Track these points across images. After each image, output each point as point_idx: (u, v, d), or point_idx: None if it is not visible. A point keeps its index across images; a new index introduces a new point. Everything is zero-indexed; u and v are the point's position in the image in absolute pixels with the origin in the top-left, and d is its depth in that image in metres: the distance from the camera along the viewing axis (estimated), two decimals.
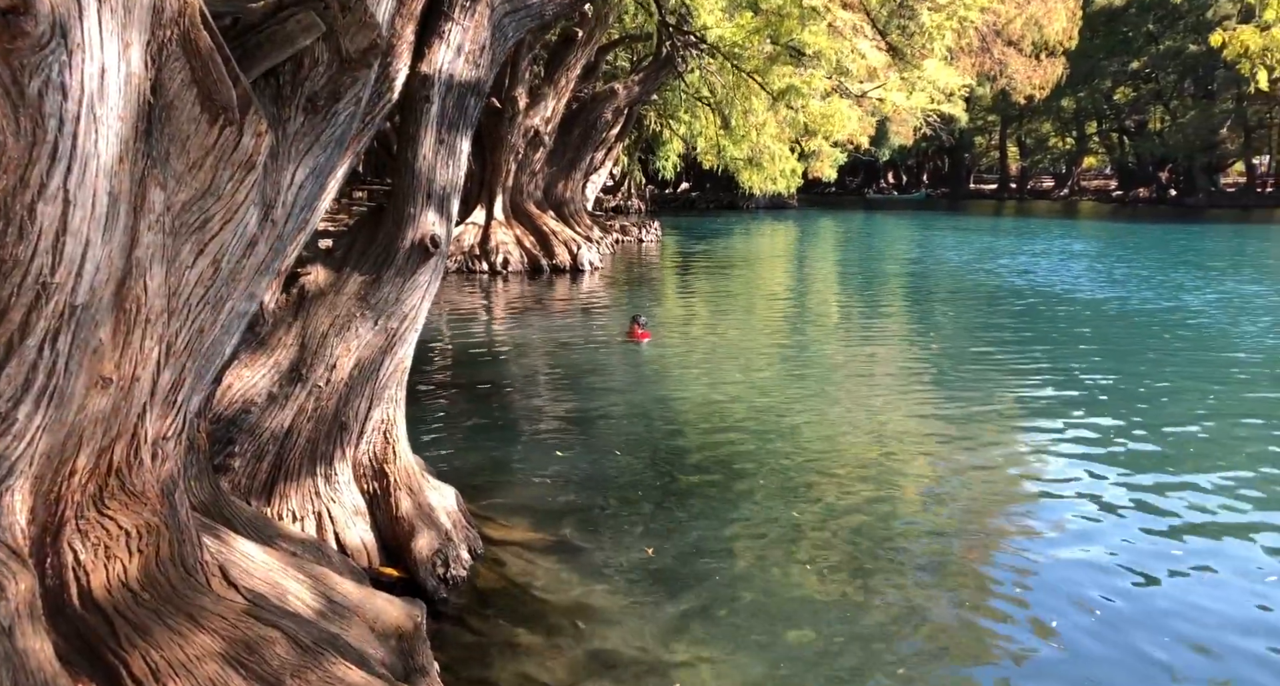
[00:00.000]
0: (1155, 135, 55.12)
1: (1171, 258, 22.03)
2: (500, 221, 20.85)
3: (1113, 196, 59.39)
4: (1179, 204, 50.92)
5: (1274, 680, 3.70)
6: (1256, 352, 10.48)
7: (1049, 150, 68.40)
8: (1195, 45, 47.67)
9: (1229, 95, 50.15)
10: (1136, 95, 58.06)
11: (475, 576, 4.65)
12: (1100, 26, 47.95)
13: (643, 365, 10.08)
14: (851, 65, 14.73)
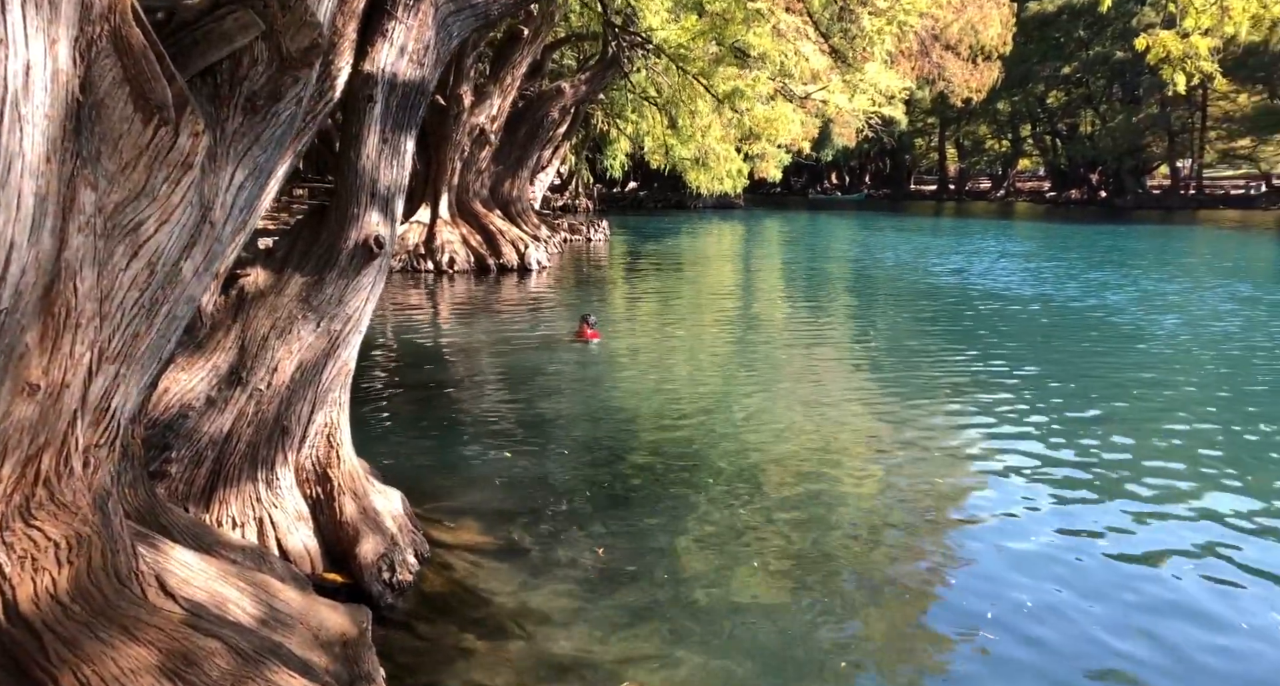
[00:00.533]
0: (1086, 138, 57.00)
1: (1098, 257, 22.83)
2: (446, 220, 20.62)
3: (1046, 197, 61.22)
4: (1108, 205, 52.75)
5: (1205, 663, 3.86)
6: (1169, 347, 10.93)
7: (986, 152, 70.19)
8: (1122, 51, 49.45)
9: (1154, 100, 52.14)
10: (1068, 99, 59.97)
11: (422, 581, 4.61)
12: (1033, 32, 49.36)
13: (592, 364, 10.08)
14: (795, 67, 14.94)
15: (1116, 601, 4.43)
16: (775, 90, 15.72)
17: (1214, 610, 4.33)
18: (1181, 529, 5.34)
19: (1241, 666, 3.84)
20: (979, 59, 29.29)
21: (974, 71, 29.31)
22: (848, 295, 17.31)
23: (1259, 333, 11.83)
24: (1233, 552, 4.97)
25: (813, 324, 13.59)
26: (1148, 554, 5.01)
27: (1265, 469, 6.36)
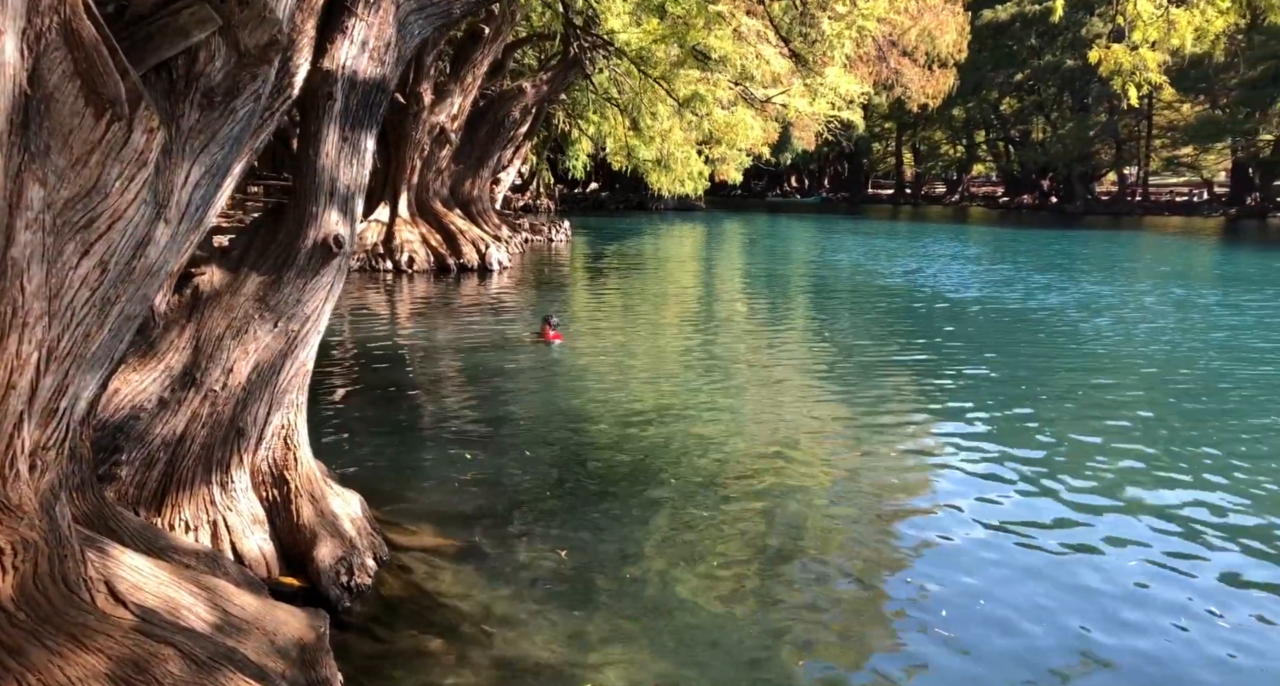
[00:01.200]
0: (1038, 145, 58.32)
1: (1046, 262, 23.37)
2: (405, 219, 20.40)
3: (999, 202, 62.49)
4: (1059, 210, 54.01)
5: (1164, 655, 3.98)
6: (1108, 347, 11.24)
7: (941, 157, 71.47)
8: (1072, 60, 50.73)
9: (1102, 109, 53.57)
10: (1021, 106, 61.33)
11: (380, 584, 4.56)
12: (988, 40, 50.35)
13: (554, 366, 10.05)
14: (756, 70, 15.06)
15: (1063, 590, 4.54)
16: (736, 95, 15.84)
17: (1154, 596, 4.46)
18: (1121, 519, 5.49)
19: (1175, 646, 3.96)
20: (935, 65, 29.79)
21: (930, 78, 29.80)
22: (805, 296, 17.50)
23: (1193, 334, 12.22)
24: (1168, 541, 5.12)
25: (771, 324, 13.72)
26: (1092, 543, 5.15)
27: (1196, 461, 6.56)
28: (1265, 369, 10.03)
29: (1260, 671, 3.85)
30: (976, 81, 51.69)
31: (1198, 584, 4.68)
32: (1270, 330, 12.66)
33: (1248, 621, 4.28)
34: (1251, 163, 50.54)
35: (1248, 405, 8.45)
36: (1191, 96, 50.70)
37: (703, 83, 15.06)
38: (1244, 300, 15.91)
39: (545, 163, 38.22)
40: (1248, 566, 4.90)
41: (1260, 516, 5.58)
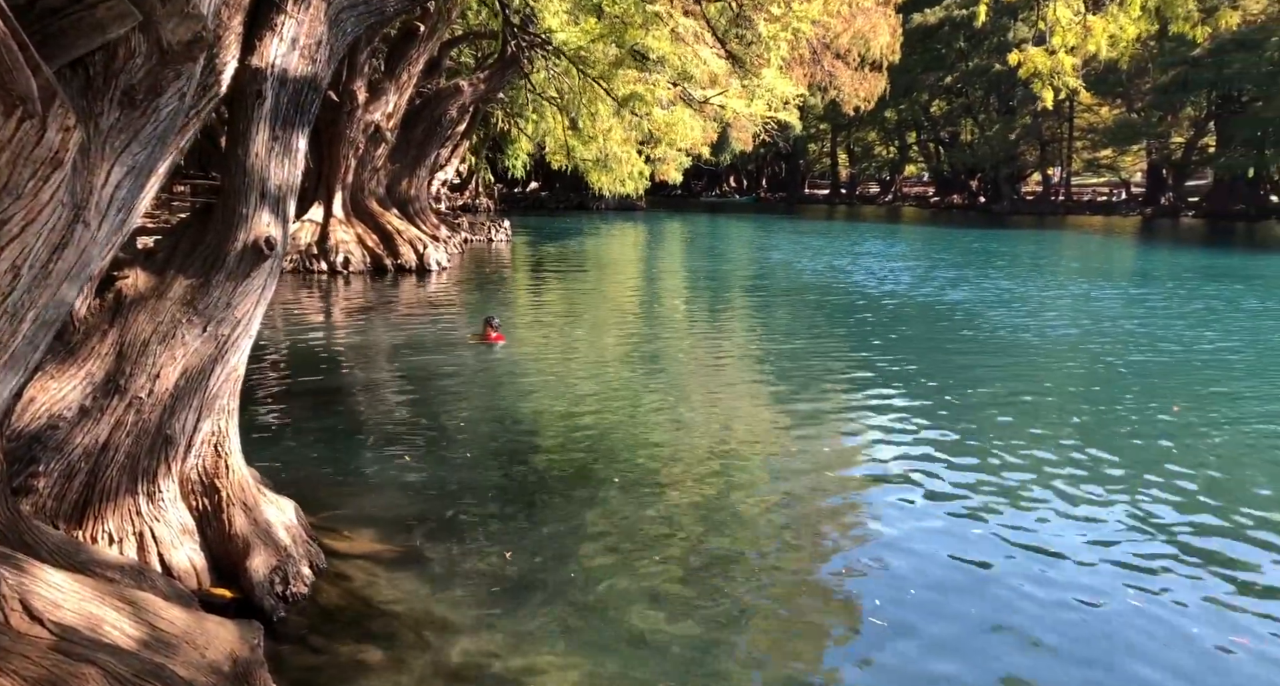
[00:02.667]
0: (966, 146, 60.06)
1: (972, 260, 24.11)
2: (340, 219, 19.99)
3: (930, 202, 64.15)
4: (987, 210, 55.70)
5: (1088, 632, 4.14)
6: (1032, 342, 11.66)
7: (875, 158, 73.08)
8: (999, 64, 52.35)
9: (1027, 111, 55.39)
10: (950, 109, 63.08)
11: (317, 593, 4.46)
12: (918, 43, 51.59)
13: (496, 367, 9.97)
14: (695, 70, 15.17)
15: (989, 573, 4.70)
16: (676, 95, 15.93)
17: (1084, 583, 4.63)
18: (1043, 503, 5.69)
19: (1096, 623, 4.13)
20: (868, 68, 30.43)
21: (863, 80, 30.43)
22: (743, 294, 17.70)
23: (1105, 326, 12.73)
24: (1087, 523, 5.33)
25: (710, 322, 13.85)
26: (1015, 527, 5.33)
27: (1108, 444, 6.84)
28: (1166, 358, 10.53)
29: (1174, 638, 4.04)
30: (908, 84, 52.94)
31: (1117, 561, 4.87)
32: (1173, 321, 13.27)
33: (1167, 598, 4.48)
34: (1165, 164, 52.91)
35: (1151, 390, 8.89)
36: (1110, 100, 52.85)
37: (641, 83, 15.10)
38: (1153, 294, 16.64)
39: (484, 162, 37.86)
40: (1162, 543, 5.12)
41: (1170, 494, 5.84)
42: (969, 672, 3.85)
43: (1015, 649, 4.06)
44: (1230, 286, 18.08)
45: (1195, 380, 9.61)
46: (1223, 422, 7.75)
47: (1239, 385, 9.37)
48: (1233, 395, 8.89)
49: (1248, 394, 8.92)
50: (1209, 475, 6.39)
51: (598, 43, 13.71)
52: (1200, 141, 50.67)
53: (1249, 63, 42.82)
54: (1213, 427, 7.61)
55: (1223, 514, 5.65)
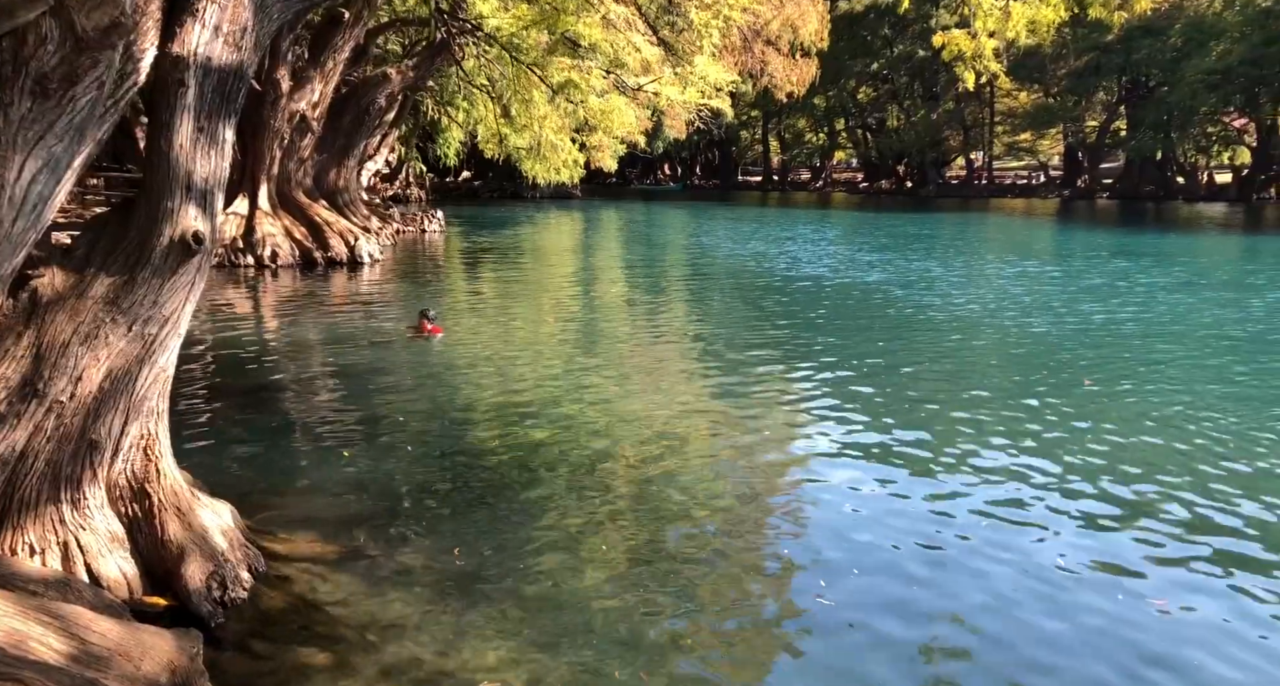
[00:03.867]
0: (893, 132, 61.34)
1: (900, 243, 24.68)
2: (266, 211, 19.38)
3: (860, 187, 65.39)
4: (914, 195, 57.05)
5: (1018, 609, 4.29)
6: (960, 320, 12.04)
7: (805, 145, 74.08)
8: (922, 51, 53.56)
9: (950, 97, 56.87)
10: (876, 95, 64.29)
11: (258, 597, 4.34)
12: (844, 30, 52.41)
13: (433, 361, 9.81)
14: (628, 57, 15.11)
15: (929, 553, 4.84)
16: (610, 83, 15.86)
17: (1021, 560, 4.80)
18: (981, 484, 5.88)
19: (1027, 601, 4.30)
20: (798, 55, 30.77)
21: (794, 67, 30.76)
22: (681, 281, 17.78)
23: (1029, 305, 13.20)
24: (1019, 498, 5.54)
25: (649, 310, 13.88)
26: (951, 505, 5.50)
27: (1035, 418, 7.12)
28: (1081, 331, 10.97)
29: (1104, 604, 4.22)
30: (836, 71, 53.75)
31: (1049, 538, 5.07)
32: (1087, 298, 13.81)
33: (1098, 576, 4.68)
34: (1080, 147, 54.95)
35: (1066, 363, 9.29)
36: (1028, 86, 54.55)
37: (576, 70, 14.98)
38: (1069, 273, 17.29)
39: (415, 151, 37.13)
40: (1093, 520, 5.34)
41: (1096, 469, 6.09)
42: (913, 644, 3.97)
43: (952, 620, 4.20)
44: (1139, 263, 18.91)
45: (1106, 352, 10.04)
46: (1130, 393, 8.10)
47: (1147, 356, 9.81)
48: (1140, 365, 9.30)
49: (1154, 363, 9.35)
50: (1121, 443, 6.68)
51: (530, 29, 13.54)
52: (1112, 125, 52.74)
53: (1155, 49, 44.74)
54: (1121, 397, 7.95)
55: (1137, 480, 5.92)
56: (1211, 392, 8.29)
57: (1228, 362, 9.62)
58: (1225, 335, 11.11)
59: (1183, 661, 3.84)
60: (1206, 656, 3.87)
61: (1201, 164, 51.29)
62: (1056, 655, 3.89)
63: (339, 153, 22.65)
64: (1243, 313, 12.73)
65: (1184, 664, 3.82)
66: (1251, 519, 5.32)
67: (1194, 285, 15.74)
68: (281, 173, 19.80)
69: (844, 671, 3.78)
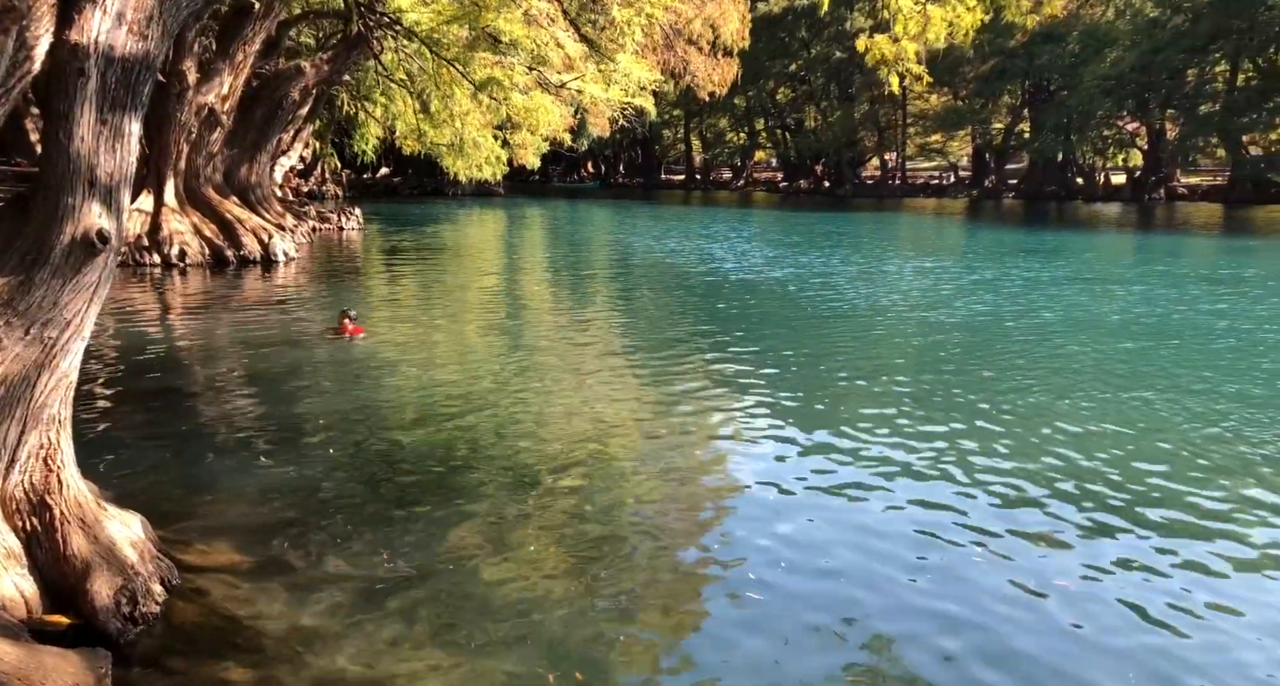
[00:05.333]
0: (811, 133, 62.64)
1: (817, 241, 25.26)
2: (173, 208, 18.57)
3: (780, 187, 66.51)
4: (831, 194, 58.34)
5: (946, 594, 4.43)
6: (875, 316, 12.41)
7: (727, 144, 74.97)
8: (839, 52, 54.89)
9: (865, 98, 58.41)
10: (794, 96, 65.53)
11: (171, 612, 4.16)
12: (763, 31, 53.21)
13: (355, 362, 9.56)
14: (550, 54, 14.99)
15: (855, 544, 4.96)
16: (534, 80, 15.72)
17: (935, 543, 4.97)
18: (897, 472, 6.06)
19: (953, 586, 4.46)
20: (719, 55, 31.09)
21: (716, 66, 31.06)
22: (605, 279, 17.78)
23: (939, 299, 13.70)
24: (940, 488, 5.73)
25: (574, 308, 13.84)
26: (872, 496, 5.65)
27: (953, 409, 7.39)
28: (988, 325, 11.44)
29: (1014, 586, 4.41)
30: (756, 71, 54.49)
31: (970, 525, 5.25)
32: (992, 293, 14.39)
33: (1008, 550, 4.87)
34: (987, 149, 57.14)
35: (973, 355, 9.65)
36: (938, 88, 56.43)
37: (499, 67, 14.80)
38: (976, 269, 17.97)
39: (331, 147, 36.14)
40: (994, 497, 5.56)
41: (1017, 461, 6.35)
42: (841, 633, 4.06)
43: (878, 606, 4.31)
44: (1039, 260, 19.79)
45: (1010, 345, 10.48)
46: (1035, 383, 8.48)
47: (1047, 347, 10.26)
48: (1041, 356, 9.74)
49: (1055, 354, 9.80)
50: (1020, 426, 6.98)
51: (450, 24, 13.30)
52: (1017, 127, 55.01)
53: (1055, 55, 46.87)
54: (1026, 388, 8.31)
55: (1037, 460, 6.19)
56: (1088, 373, 8.80)
57: (1111, 346, 10.14)
58: (1104, 323, 11.71)
59: (1087, 634, 4.03)
60: (1111, 631, 4.08)
61: (1099, 165, 53.97)
62: (972, 636, 4.03)
63: (251, 148, 21.86)
64: (1123, 303, 13.47)
65: (1087, 636, 4.01)
66: (1132, 490, 5.63)
67: (1085, 279, 16.56)
68: (189, 168, 19.00)
69: (776, 663, 3.84)
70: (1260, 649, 3.96)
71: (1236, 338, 10.93)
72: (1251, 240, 26.20)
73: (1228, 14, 39.94)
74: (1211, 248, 24.03)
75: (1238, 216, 35.57)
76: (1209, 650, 3.95)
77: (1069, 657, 3.87)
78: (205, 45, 18.71)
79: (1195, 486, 5.86)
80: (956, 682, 3.70)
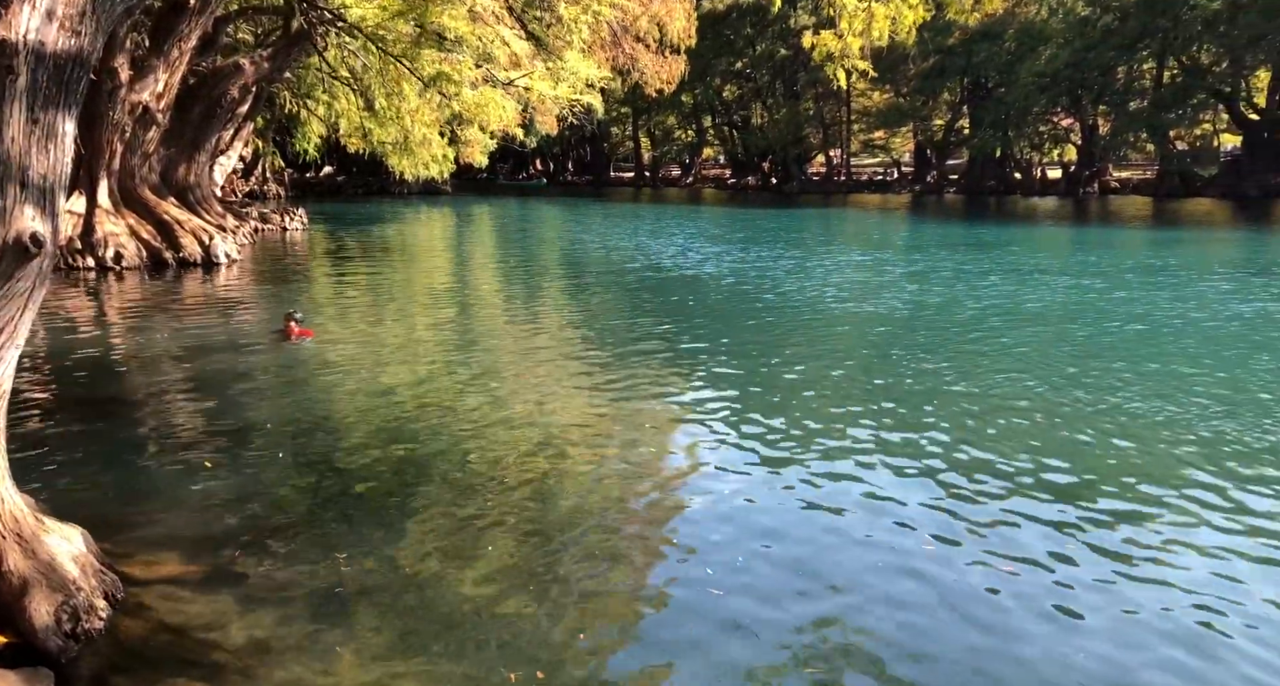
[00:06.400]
0: (758, 130, 63.16)
1: (766, 237, 25.51)
2: (107, 209, 17.97)
3: (728, 184, 66.97)
4: (779, 191, 58.93)
5: (893, 584, 4.52)
6: (823, 309, 12.60)
7: (675, 141, 75.21)
8: (784, 50, 55.45)
9: (810, 96, 59.11)
10: (741, 93, 66.00)
11: (116, 627, 4.04)
12: (709, 29, 53.48)
13: (302, 366, 9.37)
14: (497, 51, 14.87)
15: (808, 538, 5.04)
16: (482, 77, 15.58)
17: (882, 536, 5.06)
18: (849, 463, 6.15)
19: (899, 576, 4.55)
20: (666, 52, 31.18)
21: (663, 64, 31.14)
22: (555, 279, 17.71)
23: (884, 293, 13.96)
24: (886, 481, 5.84)
25: (525, 309, 13.77)
26: (824, 486, 5.73)
27: (900, 400, 7.54)
28: (929, 317, 11.71)
29: (958, 574, 4.52)
30: (703, 68, 54.80)
31: (913, 516, 5.36)
32: (935, 285, 14.73)
33: (959, 549, 4.99)
34: (929, 145, 58.29)
35: (918, 346, 9.86)
36: (881, 86, 57.40)
37: (446, 62, 14.62)
38: (919, 262, 18.36)
39: (272, 146, 35.33)
40: (957, 497, 5.69)
41: (964, 452, 6.50)
42: (798, 628, 4.11)
43: (832, 596, 4.38)
44: (979, 253, 20.28)
45: (952, 336, 10.73)
46: (976, 371, 8.69)
47: (988, 338, 10.53)
48: (982, 345, 9.99)
49: (997, 344, 10.07)
50: (962, 414, 7.16)
51: (395, 20, 13.10)
52: (957, 124, 56.21)
53: (992, 52, 48.01)
54: (966, 377, 8.51)
55: (983, 448, 6.36)
56: (1021, 361, 9.10)
57: (1040, 336, 10.45)
58: (1032, 313, 12.06)
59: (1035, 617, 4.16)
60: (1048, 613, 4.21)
61: (1035, 161, 55.45)
62: (933, 632, 4.12)
63: (189, 147, 21.26)
64: (1053, 293, 13.90)
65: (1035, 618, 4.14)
66: (1053, 468, 5.82)
67: (1020, 271, 17.03)
68: (124, 168, 18.40)
69: (734, 655, 3.87)
70: (1163, 633, 4.12)
71: (1144, 324, 11.37)
72: (1176, 232, 27.23)
73: (1153, 13, 41.37)
74: (1139, 240, 24.89)
75: (1166, 209, 36.89)
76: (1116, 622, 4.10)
77: (994, 636, 3.98)
78: (138, 42, 18.14)
79: (1090, 467, 6.08)
80: (910, 666, 3.78)
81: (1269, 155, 42.86)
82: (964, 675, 3.73)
